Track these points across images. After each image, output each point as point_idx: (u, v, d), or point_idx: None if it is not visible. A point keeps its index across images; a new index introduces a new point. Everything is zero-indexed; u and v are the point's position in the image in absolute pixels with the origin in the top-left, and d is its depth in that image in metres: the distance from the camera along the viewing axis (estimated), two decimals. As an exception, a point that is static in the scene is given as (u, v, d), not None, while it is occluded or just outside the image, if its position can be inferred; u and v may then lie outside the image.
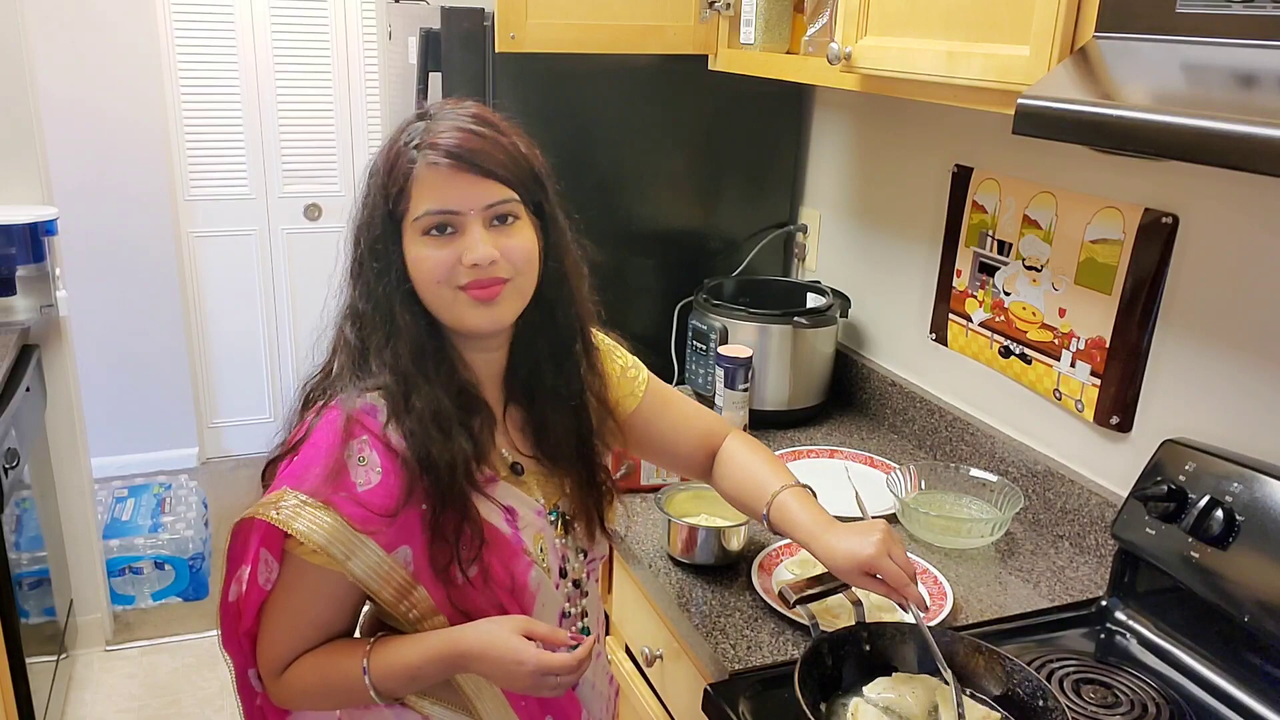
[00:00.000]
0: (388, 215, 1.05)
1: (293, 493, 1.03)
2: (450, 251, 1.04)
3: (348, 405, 1.05)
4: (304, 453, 1.05)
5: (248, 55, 3.73)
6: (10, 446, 2.16)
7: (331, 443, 1.03)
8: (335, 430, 1.04)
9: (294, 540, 1.03)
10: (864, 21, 1.44)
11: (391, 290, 1.06)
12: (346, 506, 1.02)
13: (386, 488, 1.04)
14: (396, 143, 1.06)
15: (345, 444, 1.04)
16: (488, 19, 1.91)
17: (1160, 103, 0.92)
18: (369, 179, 1.07)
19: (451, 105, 1.10)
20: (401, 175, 1.03)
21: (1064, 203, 1.55)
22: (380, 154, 1.07)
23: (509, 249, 1.05)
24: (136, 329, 3.74)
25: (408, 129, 1.06)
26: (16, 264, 2.45)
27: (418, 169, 1.03)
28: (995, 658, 1.16)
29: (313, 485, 1.02)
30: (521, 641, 1.05)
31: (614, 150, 2.09)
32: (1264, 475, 1.20)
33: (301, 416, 1.10)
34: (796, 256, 2.30)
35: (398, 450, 1.04)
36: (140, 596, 3.12)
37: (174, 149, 3.70)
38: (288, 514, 1.02)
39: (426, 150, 1.03)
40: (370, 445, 1.04)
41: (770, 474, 1.28)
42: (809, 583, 1.23)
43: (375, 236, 1.05)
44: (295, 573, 1.07)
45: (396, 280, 1.05)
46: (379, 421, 1.05)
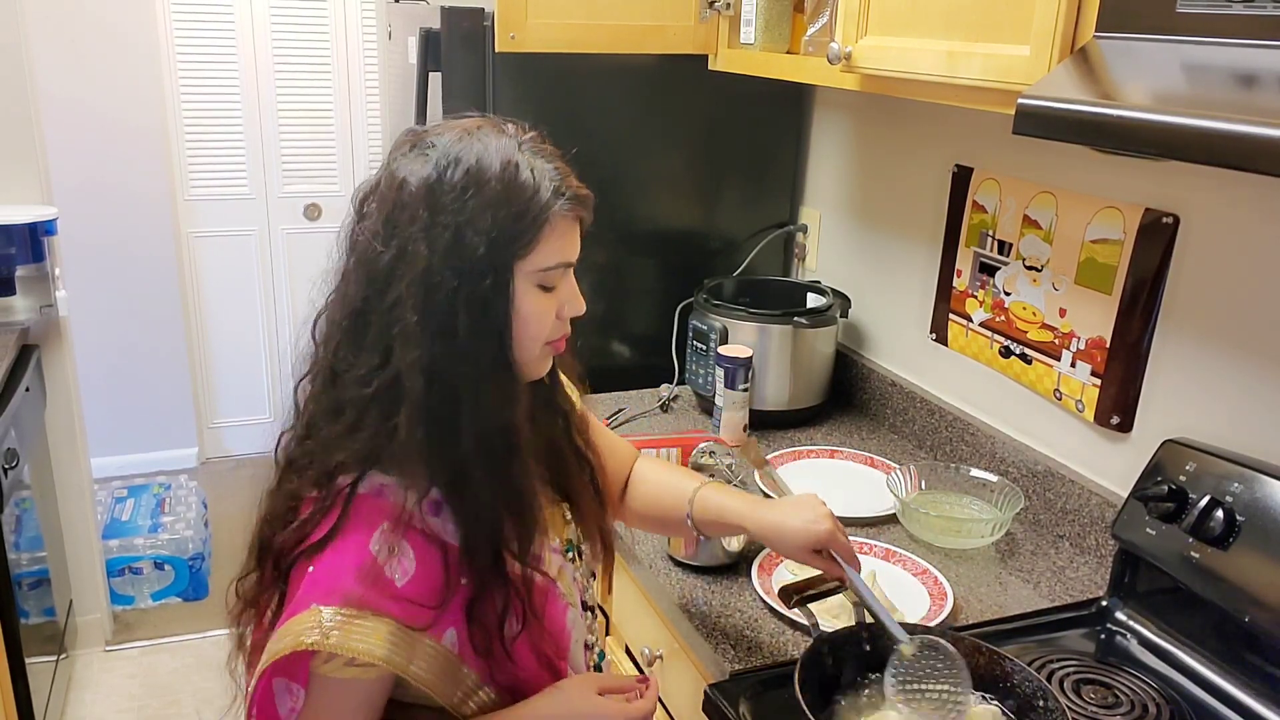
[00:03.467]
0: (505, 258, 0.90)
1: (329, 609, 0.89)
2: (551, 305, 0.96)
3: (398, 490, 0.92)
4: (327, 554, 0.91)
5: (248, 55, 3.73)
6: (10, 446, 2.16)
7: (362, 540, 0.91)
8: (366, 524, 0.91)
9: (321, 658, 0.90)
10: (864, 21, 1.44)
11: (497, 343, 0.92)
12: (393, 607, 0.90)
13: (425, 578, 0.92)
14: (520, 179, 0.91)
15: (374, 536, 0.91)
16: (488, 19, 1.91)
17: (1160, 103, 0.92)
18: (463, 210, 0.89)
19: (527, 134, 0.98)
20: (539, 219, 0.91)
21: (1064, 203, 1.55)
22: (482, 184, 0.90)
23: None
24: (136, 329, 3.74)
25: (528, 161, 0.93)
26: (16, 264, 2.45)
27: (554, 217, 0.92)
28: (995, 658, 1.16)
29: (345, 593, 0.89)
30: (602, 700, 1.01)
31: (614, 150, 2.09)
32: (1264, 475, 1.20)
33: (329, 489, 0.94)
34: (796, 256, 2.30)
35: (439, 534, 0.94)
36: (140, 597, 3.11)
37: (174, 149, 3.70)
38: (337, 637, 0.88)
39: (563, 199, 0.93)
40: (403, 534, 0.92)
41: (685, 478, 1.25)
42: (809, 583, 1.23)
43: (487, 282, 0.89)
44: (327, 694, 0.93)
45: (500, 336, 0.92)
46: (432, 508, 0.94)
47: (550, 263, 0.93)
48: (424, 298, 0.89)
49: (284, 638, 0.89)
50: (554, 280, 0.95)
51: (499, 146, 0.92)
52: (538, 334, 0.96)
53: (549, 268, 0.93)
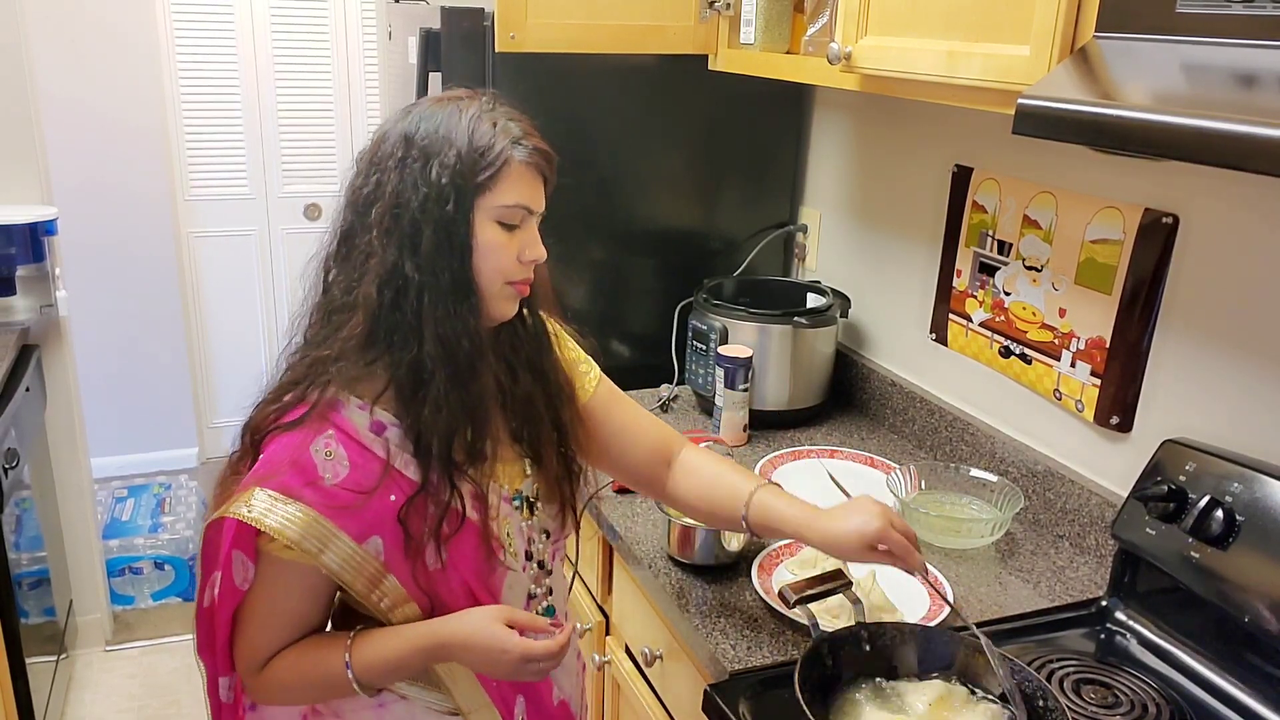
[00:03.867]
0: (466, 191, 1.03)
1: (263, 490, 1.03)
2: (512, 245, 1.07)
3: (343, 404, 1.05)
4: (274, 447, 1.05)
5: (248, 55, 3.73)
6: (10, 446, 2.16)
7: (304, 440, 1.04)
8: (311, 429, 1.05)
9: (266, 537, 1.03)
10: (864, 21, 1.44)
11: (457, 264, 1.04)
12: (316, 500, 1.03)
13: (355, 483, 1.05)
14: (482, 128, 1.04)
15: (314, 440, 1.04)
16: (488, 19, 1.91)
17: (1160, 103, 0.92)
18: (431, 149, 1.03)
19: (503, 104, 1.10)
20: (497, 161, 1.04)
21: (1064, 203, 1.55)
22: (448, 132, 1.04)
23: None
24: (136, 329, 3.74)
25: (492, 116, 1.06)
26: (16, 264, 2.45)
27: (513, 161, 1.05)
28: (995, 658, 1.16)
29: (281, 481, 1.03)
30: (505, 630, 1.08)
31: (614, 150, 2.09)
32: (1264, 475, 1.20)
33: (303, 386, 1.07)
34: (796, 256, 2.30)
35: (380, 438, 1.06)
36: (140, 596, 3.11)
37: (174, 149, 3.70)
38: (260, 511, 1.02)
39: (522, 146, 1.06)
40: (337, 440, 1.05)
41: (741, 477, 1.29)
42: (809, 583, 1.23)
43: (448, 210, 1.03)
44: (270, 570, 1.07)
45: (461, 258, 1.04)
46: (382, 417, 1.06)
47: (508, 201, 1.05)
48: (393, 216, 1.03)
49: (221, 507, 1.05)
50: (513, 219, 1.07)
51: (472, 106, 1.07)
52: (497, 267, 1.07)
53: (508, 205, 1.05)
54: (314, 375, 1.06)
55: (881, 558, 1.18)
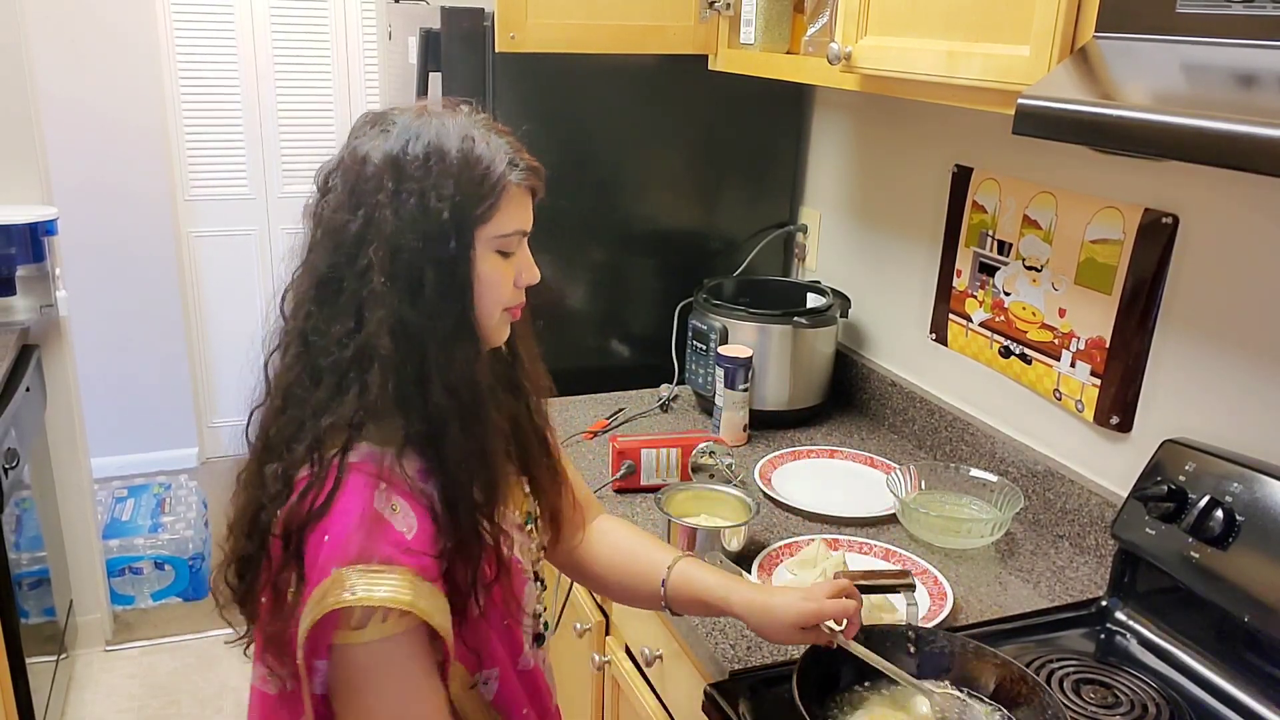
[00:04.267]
0: (466, 226, 0.95)
1: (349, 569, 0.89)
2: (510, 271, 1.01)
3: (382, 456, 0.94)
4: (336, 520, 0.91)
5: (248, 55, 3.73)
6: (10, 446, 2.16)
7: (365, 501, 0.92)
8: (365, 486, 0.93)
9: (350, 629, 0.90)
10: (864, 21, 1.44)
11: (460, 304, 0.96)
12: (408, 559, 0.91)
13: (424, 534, 0.94)
14: (476, 151, 0.95)
15: (374, 496, 0.92)
16: (488, 19, 1.91)
17: (1160, 103, 0.92)
18: (426, 180, 0.93)
19: (480, 113, 1.02)
20: (496, 187, 0.96)
21: (1064, 203, 1.55)
22: (441, 157, 0.94)
23: None
24: (136, 329, 3.74)
25: (482, 136, 0.97)
26: (16, 264, 2.45)
27: (511, 186, 0.97)
28: (994, 659, 1.16)
29: (363, 549, 0.90)
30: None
31: (614, 150, 2.09)
32: (1264, 475, 1.20)
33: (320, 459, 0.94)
34: (796, 256, 2.30)
35: (427, 494, 0.95)
36: (140, 596, 3.12)
37: (174, 149, 3.70)
38: (363, 591, 0.88)
39: (517, 168, 0.97)
40: (396, 493, 0.94)
41: (661, 550, 1.23)
42: (867, 574, 1.27)
43: (451, 245, 0.94)
44: (382, 654, 0.92)
45: (463, 297, 0.96)
46: (414, 467, 0.95)
47: (508, 229, 0.98)
48: (391, 261, 0.93)
49: (313, 608, 0.89)
50: (511, 247, 1.00)
51: (455, 123, 0.97)
52: (497, 298, 1.00)
53: (507, 234, 0.98)
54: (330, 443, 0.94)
55: (810, 636, 1.11)
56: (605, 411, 2.01)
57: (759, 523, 1.59)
